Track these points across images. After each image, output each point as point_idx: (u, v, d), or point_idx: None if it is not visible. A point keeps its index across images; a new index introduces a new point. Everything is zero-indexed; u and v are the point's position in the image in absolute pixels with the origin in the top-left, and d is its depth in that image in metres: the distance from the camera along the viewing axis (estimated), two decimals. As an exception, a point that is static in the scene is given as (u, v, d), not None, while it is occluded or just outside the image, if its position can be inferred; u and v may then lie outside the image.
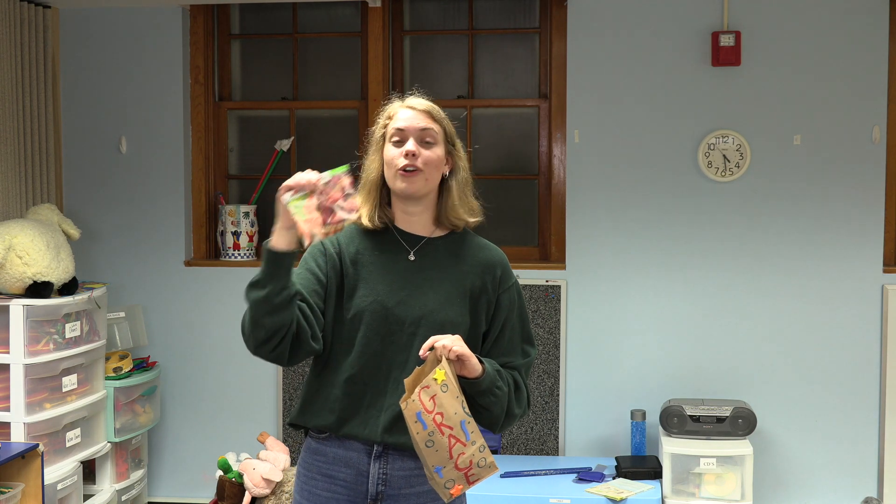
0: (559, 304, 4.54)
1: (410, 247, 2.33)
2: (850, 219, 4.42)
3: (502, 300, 2.34)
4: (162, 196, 4.79)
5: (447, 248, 2.35)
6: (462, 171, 2.35)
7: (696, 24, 4.44)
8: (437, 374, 2.10)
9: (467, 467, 2.12)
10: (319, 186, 2.11)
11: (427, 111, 2.32)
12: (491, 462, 2.14)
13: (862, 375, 4.44)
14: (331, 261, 2.31)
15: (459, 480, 2.13)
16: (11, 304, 3.88)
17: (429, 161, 2.28)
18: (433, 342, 2.12)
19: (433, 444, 2.10)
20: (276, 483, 4.20)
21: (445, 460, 2.11)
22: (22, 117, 4.37)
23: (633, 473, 4.18)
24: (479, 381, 2.18)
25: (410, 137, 2.29)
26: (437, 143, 2.30)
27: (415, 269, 2.31)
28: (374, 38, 4.73)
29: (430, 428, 2.10)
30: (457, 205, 2.33)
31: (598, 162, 4.53)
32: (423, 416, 2.10)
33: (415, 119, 2.30)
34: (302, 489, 2.35)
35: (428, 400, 2.09)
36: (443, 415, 2.09)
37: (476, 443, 2.11)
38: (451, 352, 2.11)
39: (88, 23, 4.76)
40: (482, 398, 2.20)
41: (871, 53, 4.38)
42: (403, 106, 2.33)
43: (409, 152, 2.27)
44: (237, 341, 4.97)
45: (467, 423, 2.10)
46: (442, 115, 2.34)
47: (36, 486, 3.65)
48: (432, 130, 2.30)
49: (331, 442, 2.31)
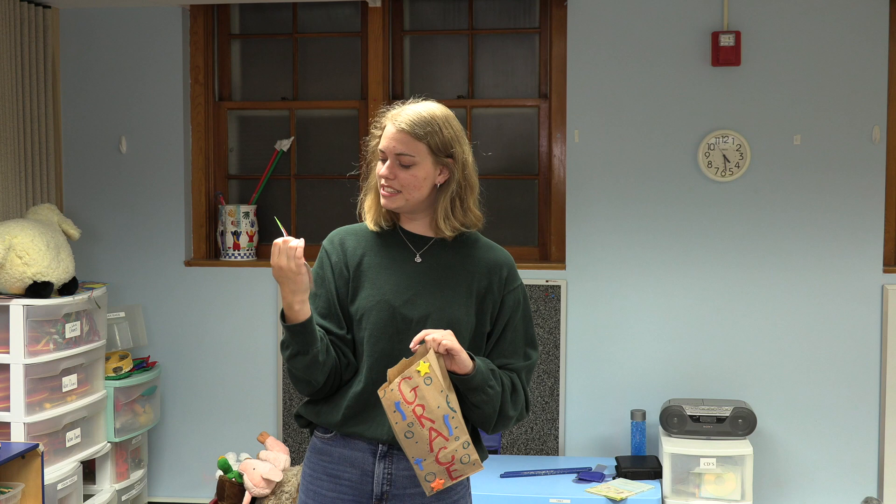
0: (559, 304, 4.54)
1: (417, 248, 2.33)
2: (850, 219, 4.42)
3: (507, 301, 2.33)
4: (162, 196, 4.79)
5: (454, 249, 2.34)
6: (455, 184, 2.29)
7: (696, 24, 4.44)
8: (421, 366, 2.10)
9: (449, 462, 2.12)
10: None
11: (409, 131, 2.25)
12: (475, 460, 2.13)
13: (862, 375, 4.44)
14: (337, 270, 2.33)
15: (441, 475, 2.14)
16: (11, 304, 3.88)
17: (406, 183, 2.26)
18: (424, 335, 2.13)
19: (412, 435, 2.11)
20: (276, 483, 4.20)
21: (426, 453, 2.12)
22: (22, 117, 4.37)
23: (633, 473, 4.18)
24: (470, 377, 2.18)
25: (388, 159, 2.28)
26: (416, 164, 2.26)
27: (421, 270, 2.31)
28: (374, 38, 4.73)
29: (409, 419, 2.10)
30: (440, 218, 2.30)
31: (598, 162, 4.53)
32: (401, 407, 2.10)
33: (394, 140, 2.26)
34: (307, 489, 2.35)
35: (409, 391, 2.10)
36: (424, 407, 2.09)
37: (460, 438, 2.11)
38: (441, 345, 2.11)
39: (88, 23, 4.76)
40: (473, 395, 2.20)
41: (871, 53, 4.38)
42: (389, 121, 2.29)
43: (382, 175, 2.27)
44: (237, 341, 5.00)
45: (451, 417, 2.10)
46: (429, 129, 2.25)
47: (36, 486, 3.65)
48: (407, 156, 2.25)
49: (336, 442, 2.31)
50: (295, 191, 4.93)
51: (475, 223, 2.35)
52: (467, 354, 2.18)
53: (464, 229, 2.34)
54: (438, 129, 2.27)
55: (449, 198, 2.30)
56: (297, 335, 2.19)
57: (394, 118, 2.28)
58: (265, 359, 4.76)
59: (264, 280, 4.73)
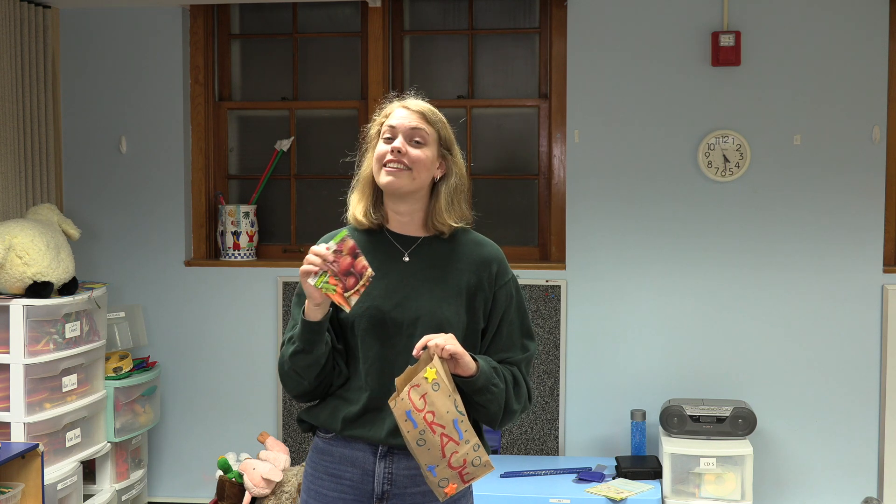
0: (559, 304, 4.54)
1: (404, 248, 2.33)
2: (850, 219, 4.42)
3: (499, 296, 2.33)
4: (162, 196, 4.79)
5: (442, 247, 2.34)
6: (454, 178, 2.34)
7: (696, 24, 4.44)
8: (428, 372, 2.10)
9: (461, 466, 2.12)
10: (329, 258, 2.15)
11: (421, 112, 2.31)
12: (486, 461, 2.14)
13: (862, 375, 4.44)
14: None
15: (454, 479, 2.14)
16: (11, 304, 3.88)
17: (417, 160, 2.28)
18: (426, 341, 2.13)
19: (425, 442, 2.11)
20: (276, 483, 4.20)
21: (438, 459, 2.12)
22: (22, 117, 4.37)
23: (633, 473, 4.18)
24: (474, 379, 2.18)
25: (400, 135, 2.29)
26: (427, 144, 2.30)
27: (410, 270, 2.31)
28: (374, 38, 4.73)
29: (420, 427, 2.10)
30: (443, 210, 2.32)
31: (598, 162, 4.53)
32: (412, 415, 2.10)
33: (407, 118, 2.30)
34: (309, 488, 2.36)
35: (418, 399, 2.10)
36: (434, 413, 2.09)
37: (470, 441, 2.11)
38: (444, 350, 2.11)
39: (88, 23, 4.76)
40: (478, 396, 2.21)
41: (871, 53, 4.38)
42: (399, 105, 2.34)
43: (395, 149, 2.27)
44: (237, 341, 5.00)
45: (460, 421, 2.10)
46: (438, 119, 2.33)
47: (36, 486, 3.65)
48: (423, 131, 2.29)
49: (337, 442, 2.32)
50: (295, 191, 4.93)
51: (469, 221, 2.39)
52: (470, 356, 2.18)
53: (448, 229, 2.34)
54: (444, 124, 2.35)
55: (452, 190, 2.33)
56: (306, 332, 2.21)
57: (406, 103, 2.33)
58: (265, 359, 4.76)
59: (264, 280, 4.73)
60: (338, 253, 2.15)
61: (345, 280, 2.15)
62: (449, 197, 2.33)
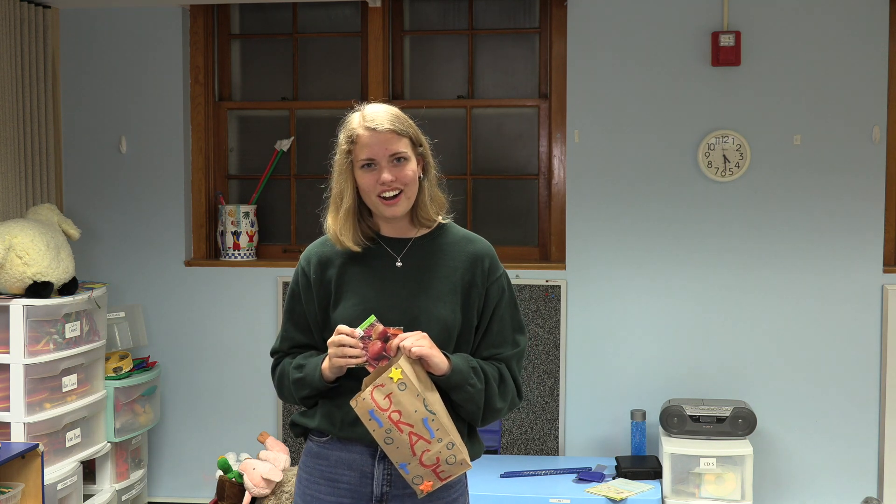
0: (559, 304, 4.53)
1: (396, 252, 2.33)
2: (850, 219, 4.42)
3: (491, 292, 2.33)
4: (162, 196, 4.79)
5: (433, 246, 2.34)
6: (432, 169, 2.35)
7: (696, 24, 4.44)
8: (393, 372, 2.11)
9: (434, 464, 2.13)
10: (359, 346, 2.17)
11: (391, 129, 2.25)
12: (462, 459, 2.14)
13: (862, 375, 4.44)
14: (306, 295, 2.36)
15: (427, 476, 2.15)
16: (11, 304, 3.88)
17: (406, 178, 2.27)
18: (399, 341, 2.14)
19: (392, 441, 2.13)
20: (276, 483, 4.20)
21: (408, 457, 2.13)
22: (22, 117, 4.37)
23: (633, 473, 4.18)
24: (447, 377, 2.19)
25: (381, 161, 2.25)
26: (408, 157, 2.28)
27: (403, 274, 2.31)
28: (374, 38, 4.73)
29: (385, 426, 2.11)
30: (427, 203, 2.32)
31: (598, 162, 4.53)
32: (376, 414, 2.11)
33: (381, 142, 2.25)
34: (304, 494, 2.34)
35: (382, 398, 2.10)
36: (400, 412, 2.10)
37: (442, 440, 2.12)
38: (411, 352, 2.13)
39: (88, 23, 4.76)
40: (454, 394, 2.22)
41: (871, 53, 4.38)
42: (363, 128, 2.26)
43: (385, 182, 2.25)
44: (237, 341, 5.00)
45: (431, 420, 2.11)
46: (405, 123, 2.29)
47: (36, 486, 3.65)
48: (401, 151, 2.26)
49: (333, 445, 2.31)
50: (295, 191, 4.93)
51: (443, 208, 2.37)
52: (443, 355, 2.19)
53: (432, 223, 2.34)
54: (409, 124, 2.32)
55: (432, 182, 2.34)
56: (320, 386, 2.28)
57: (370, 123, 2.25)
58: (265, 359, 4.70)
59: (264, 280, 4.73)
60: (366, 339, 2.16)
61: (376, 364, 2.17)
62: (431, 189, 2.34)
